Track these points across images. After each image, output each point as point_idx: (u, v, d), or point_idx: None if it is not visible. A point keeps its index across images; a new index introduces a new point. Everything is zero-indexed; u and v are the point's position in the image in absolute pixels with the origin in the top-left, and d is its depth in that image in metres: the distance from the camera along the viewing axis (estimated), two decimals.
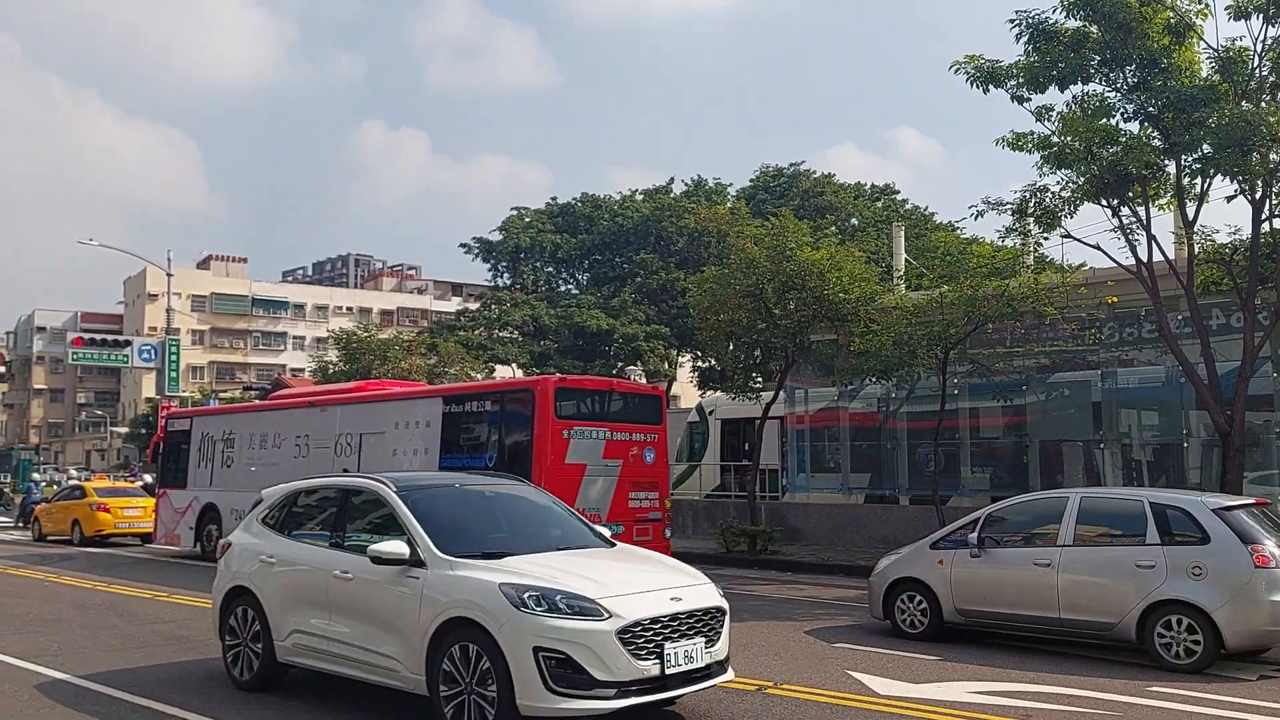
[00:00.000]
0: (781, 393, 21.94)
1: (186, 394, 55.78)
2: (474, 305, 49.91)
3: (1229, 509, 9.74)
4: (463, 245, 49.34)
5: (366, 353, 39.06)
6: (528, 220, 47.66)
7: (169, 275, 41.76)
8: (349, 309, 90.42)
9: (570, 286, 48.68)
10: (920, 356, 17.67)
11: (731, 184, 48.29)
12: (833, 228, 31.41)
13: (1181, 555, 9.49)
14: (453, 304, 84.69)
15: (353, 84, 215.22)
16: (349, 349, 40.40)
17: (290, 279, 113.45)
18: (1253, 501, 10.40)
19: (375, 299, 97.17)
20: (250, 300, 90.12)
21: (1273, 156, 13.69)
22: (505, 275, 48.42)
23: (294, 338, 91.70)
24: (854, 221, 44.70)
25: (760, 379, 25.06)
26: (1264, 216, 14.40)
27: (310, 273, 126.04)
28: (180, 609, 13.20)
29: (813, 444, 23.84)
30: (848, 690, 8.46)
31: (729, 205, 40.14)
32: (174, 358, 40.00)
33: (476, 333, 44.89)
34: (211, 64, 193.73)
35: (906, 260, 27.26)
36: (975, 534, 10.74)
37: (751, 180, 47.69)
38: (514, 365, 43.64)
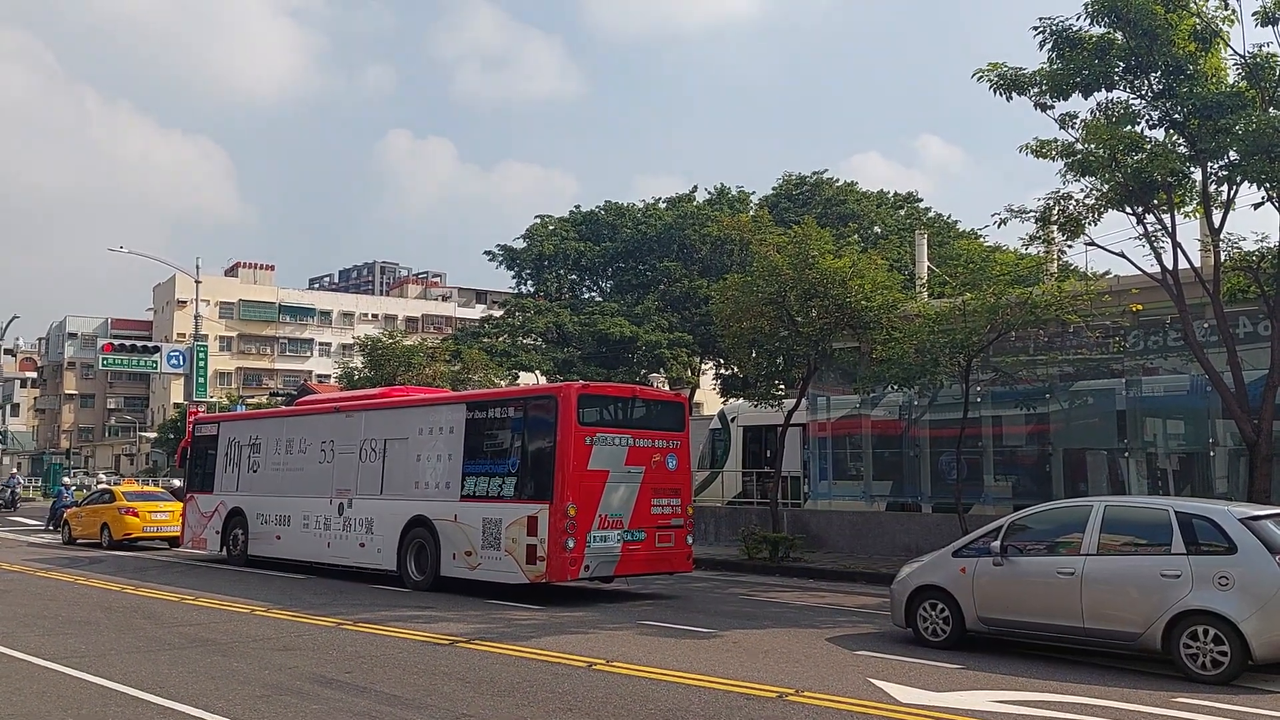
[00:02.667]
0: (804, 400, 21.92)
1: (214, 399, 56.35)
2: (498, 312, 50.11)
3: (1256, 519, 9.64)
4: (487, 253, 49.59)
5: (391, 359, 39.31)
6: (552, 228, 47.88)
7: (197, 282, 42.25)
8: (374, 316, 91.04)
9: (594, 294, 48.84)
10: (943, 364, 17.62)
11: (754, 192, 48.34)
12: (855, 236, 31.43)
13: (1208, 565, 9.40)
14: (477, 311, 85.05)
15: (381, 94, 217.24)
16: (374, 355, 40.69)
17: (317, 286, 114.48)
18: (1279, 511, 10.29)
19: (400, 306, 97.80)
20: (278, 307, 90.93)
21: None
22: (529, 282, 48.62)
23: (320, 344, 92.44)
24: (876, 229, 44.60)
25: (783, 386, 25.05)
26: None
27: (337, 280, 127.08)
28: (206, 612, 13.35)
29: (835, 451, 23.78)
30: (869, 698, 8.45)
31: (752, 213, 40.18)
32: (202, 363, 40.46)
33: (500, 340, 45.12)
34: (244, 74, 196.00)
35: (929, 268, 27.17)
36: (998, 542, 10.69)
37: (774, 188, 47.69)
38: (537, 372, 43.81)
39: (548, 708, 8.10)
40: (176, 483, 31.49)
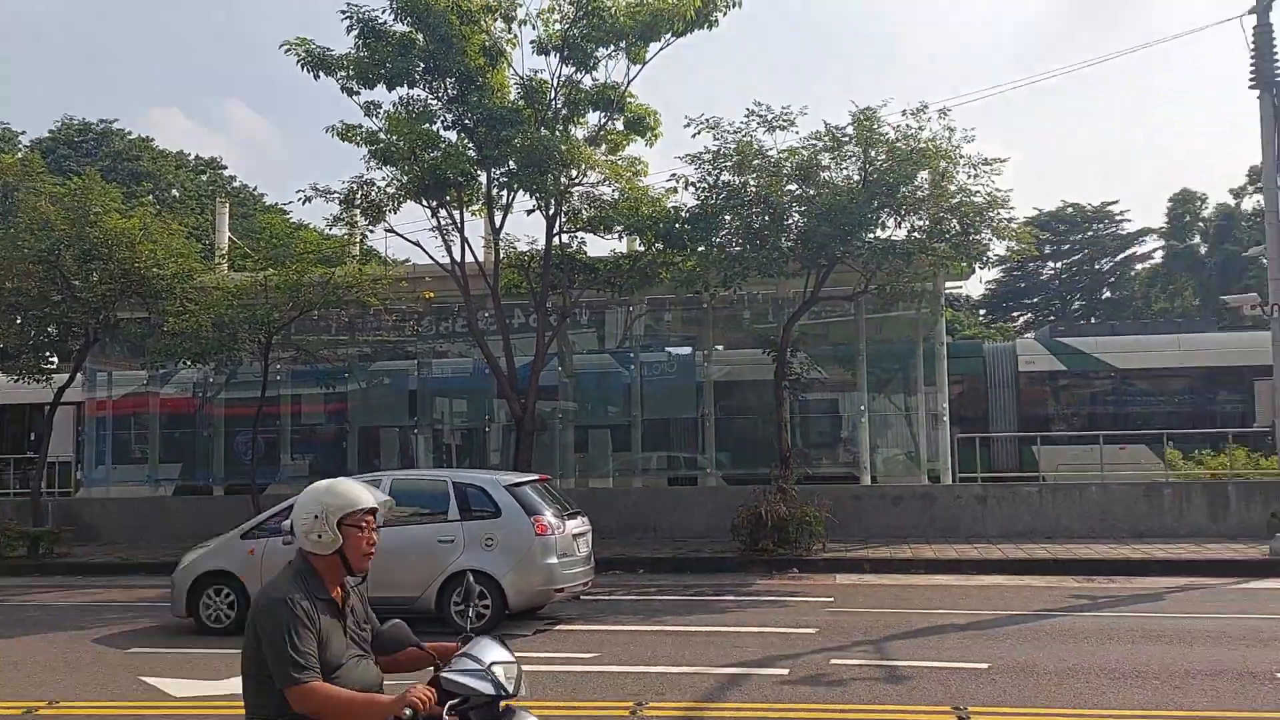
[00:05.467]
0: (79, 375, 19.40)
1: None
2: None
3: (517, 485, 11.01)
4: None
5: None
6: None
7: None
8: None
9: None
10: (242, 340, 17.00)
11: (25, 132, 41.59)
12: (150, 197, 28.76)
13: (478, 529, 10.49)
14: None
15: None
16: None
17: None
18: (537, 478, 11.89)
19: None
20: None
21: (563, 180, 15.84)
22: None
23: None
24: (175, 193, 41.50)
25: (55, 359, 21.86)
26: (555, 231, 16.61)
27: None
28: None
29: (116, 433, 21.54)
30: (139, 698, 7.73)
31: (20, 156, 34.46)
32: None
33: None
34: None
35: (231, 239, 26.06)
36: (289, 521, 10.59)
37: (51, 133, 41.58)
38: None
39: None
40: None
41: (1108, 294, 57.86)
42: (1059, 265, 58.98)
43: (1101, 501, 16.45)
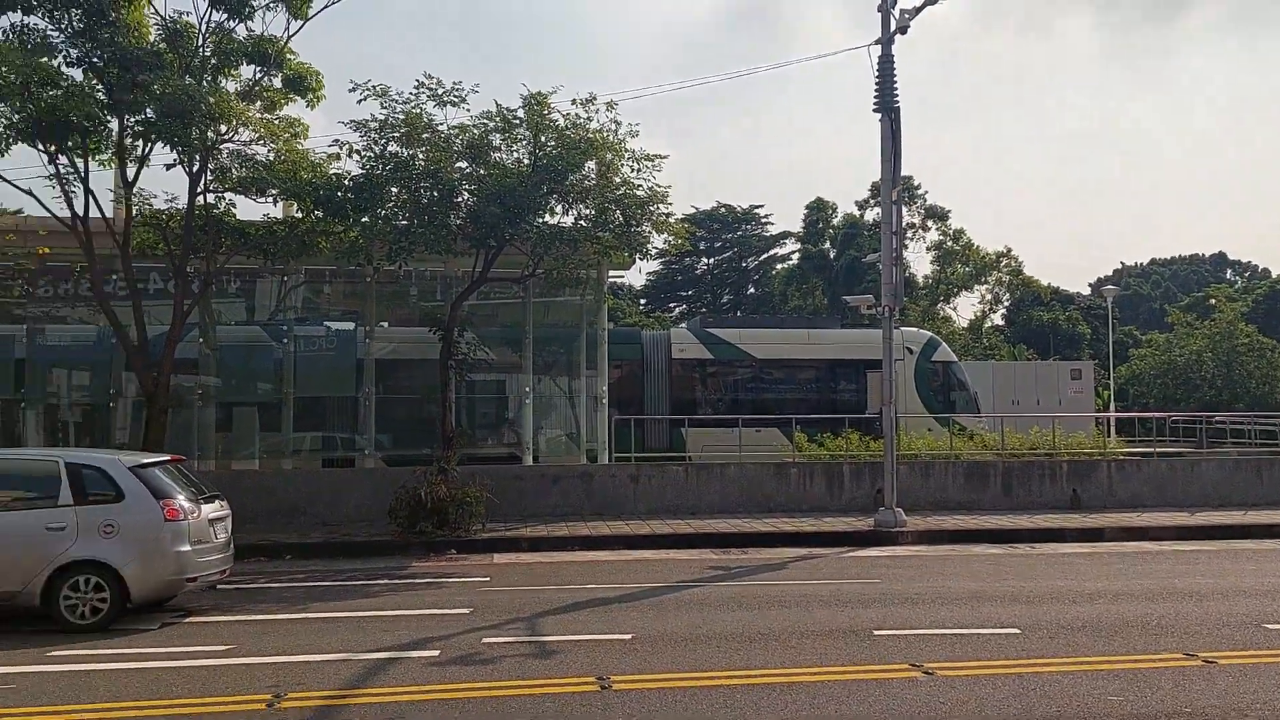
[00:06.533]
0: None
1: None
2: None
3: (145, 466, 9.98)
4: None
5: None
6: None
7: None
8: None
9: None
10: None
11: None
12: None
13: (95, 514, 9.40)
14: None
15: None
16: None
17: None
18: (169, 458, 10.84)
19: None
20: None
21: (210, 134, 14.53)
22: None
23: None
24: None
25: None
26: (200, 189, 15.22)
27: None
28: None
29: None
30: None
31: None
32: None
33: None
34: None
35: None
36: None
37: None
38: None
39: None
40: None
41: (752, 290, 63.17)
42: (712, 261, 63.51)
43: (739, 480, 17.84)
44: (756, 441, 20.81)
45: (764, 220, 62.61)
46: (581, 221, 15.77)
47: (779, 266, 61.65)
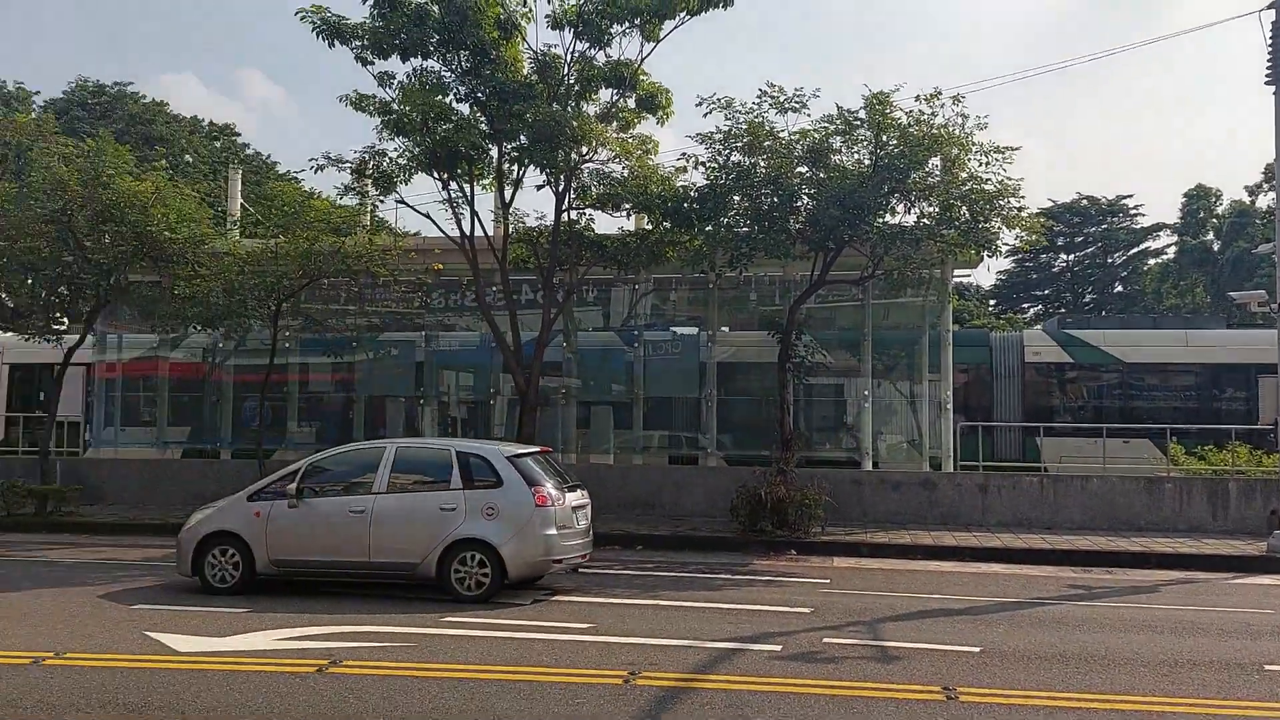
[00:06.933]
0: (90, 337, 19.55)
1: None
2: None
3: (519, 456, 11.11)
4: None
5: None
6: None
7: None
8: None
9: None
10: (251, 307, 17.12)
11: (39, 92, 41.65)
12: (164, 161, 28.81)
13: (480, 498, 10.58)
14: None
15: None
16: None
17: None
18: (538, 450, 12.00)
19: None
20: None
21: (574, 156, 15.86)
22: None
23: None
24: (188, 158, 41.60)
25: (66, 320, 22.03)
26: (565, 208, 16.64)
27: None
28: None
29: (126, 395, 21.72)
30: (145, 652, 7.87)
31: (34, 116, 34.66)
32: None
33: None
34: None
35: (243, 206, 26.16)
36: (295, 484, 10.76)
37: (65, 93, 41.65)
38: None
39: None
40: None
41: (1119, 288, 57.67)
42: (1071, 258, 58.77)
43: (1103, 494, 16.50)
44: (1122, 453, 19.12)
45: (1132, 212, 56.95)
46: (925, 220, 15.38)
47: (1151, 262, 55.89)
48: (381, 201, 17.63)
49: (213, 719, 6.22)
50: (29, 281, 19.74)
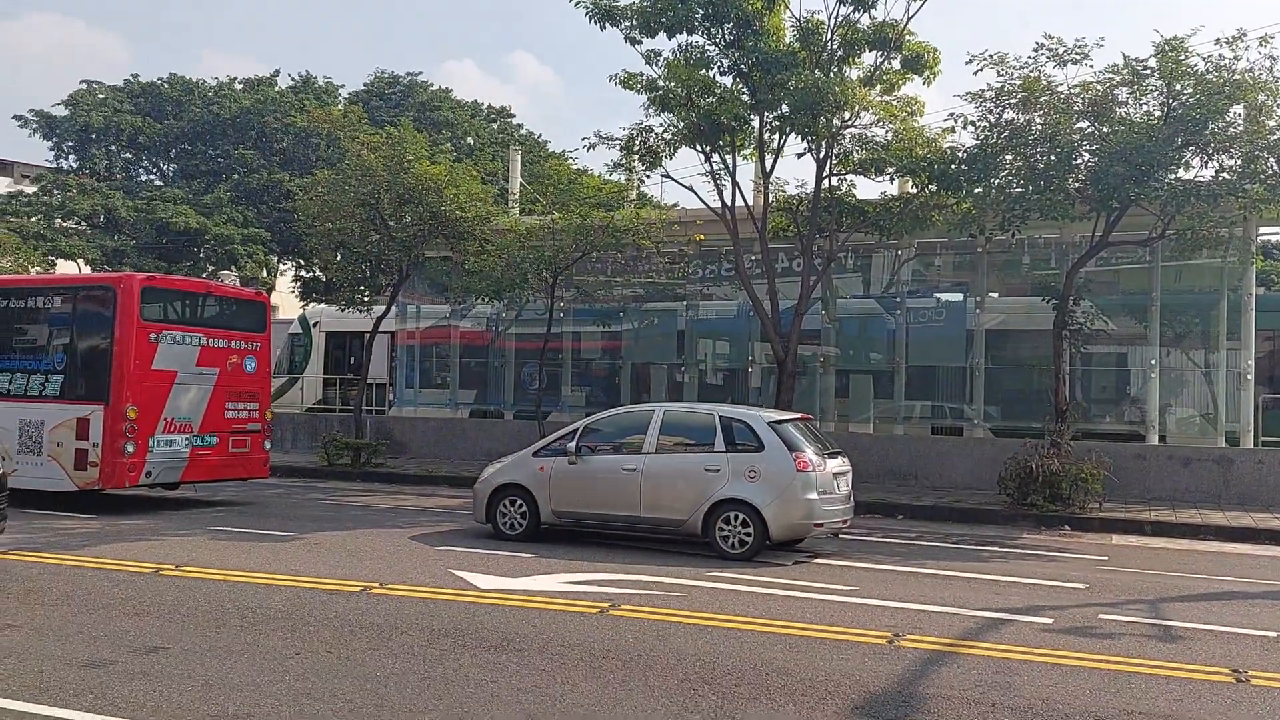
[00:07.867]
0: (394, 307, 21.77)
1: None
2: (31, 189, 43.23)
3: (780, 422, 11.40)
4: (17, 118, 42.49)
5: None
6: (102, 97, 42.04)
7: None
8: None
9: (153, 177, 43.89)
10: (530, 279, 18.38)
11: (344, 85, 46.14)
12: (449, 144, 31.27)
13: (742, 461, 10.99)
14: (2, 185, 72.74)
15: None
16: None
17: None
18: (799, 416, 12.24)
19: None
20: None
21: (835, 122, 15.80)
22: (71, 157, 42.54)
23: None
24: (470, 140, 44.66)
25: (370, 293, 24.62)
26: (825, 174, 16.62)
27: None
28: None
29: (422, 360, 23.98)
30: (452, 587, 8.90)
31: (342, 107, 38.56)
32: None
33: (32, 220, 39.08)
34: None
35: (521, 184, 27.95)
36: (574, 443, 11.63)
37: (365, 85, 45.75)
38: (80, 260, 38.72)
39: (110, 614, 7.57)
40: None
41: None
42: None
43: None
44: None
45: None
46: (1224, 174, 14.10)
47: None
48: (648, 176, 18.34)
49: (514, 647, 6.99)
50: (339, 258, 22.23)
